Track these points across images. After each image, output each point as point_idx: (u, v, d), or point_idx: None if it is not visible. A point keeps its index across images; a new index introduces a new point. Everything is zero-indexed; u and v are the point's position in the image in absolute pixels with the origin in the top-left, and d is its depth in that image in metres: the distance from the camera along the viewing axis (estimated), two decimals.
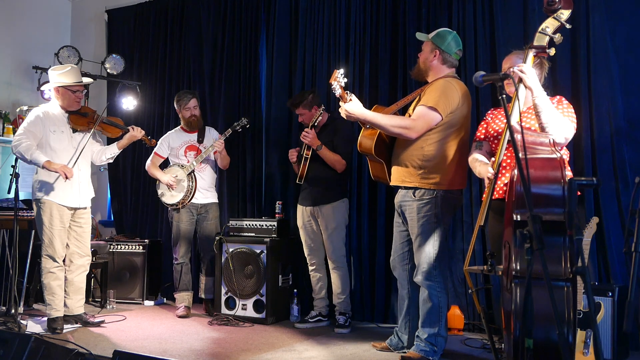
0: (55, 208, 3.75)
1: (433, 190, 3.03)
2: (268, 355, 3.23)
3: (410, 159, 3.06)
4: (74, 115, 3.91)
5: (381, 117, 3.01)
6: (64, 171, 3.66)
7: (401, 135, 3.03)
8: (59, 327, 3.72)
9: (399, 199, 3.20)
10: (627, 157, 3.52)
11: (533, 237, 1.74)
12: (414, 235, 3.12)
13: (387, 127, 3.00)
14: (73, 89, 3.86)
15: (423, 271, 3.08)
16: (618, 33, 3.59)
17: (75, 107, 3.91)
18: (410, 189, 3.09)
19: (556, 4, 2.59)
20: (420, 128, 2.99)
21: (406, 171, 3.08)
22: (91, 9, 6.08)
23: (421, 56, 3.18)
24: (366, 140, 3.16)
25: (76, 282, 3.90)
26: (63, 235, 3.79)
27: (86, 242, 3.94)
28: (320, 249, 4.09)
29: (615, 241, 3.47)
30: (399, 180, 3.14)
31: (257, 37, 4.98)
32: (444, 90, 3.02)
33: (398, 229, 3.29)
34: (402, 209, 3.16)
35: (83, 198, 3.93)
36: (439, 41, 3.11)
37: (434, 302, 3.07)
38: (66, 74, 3.85)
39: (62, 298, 3.81)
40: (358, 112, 3.00)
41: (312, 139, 3.91)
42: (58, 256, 3.76)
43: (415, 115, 3.03)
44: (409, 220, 3.13)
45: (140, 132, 4.05)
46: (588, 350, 2.72)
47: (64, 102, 3.88)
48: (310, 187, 4.03)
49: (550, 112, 2.58)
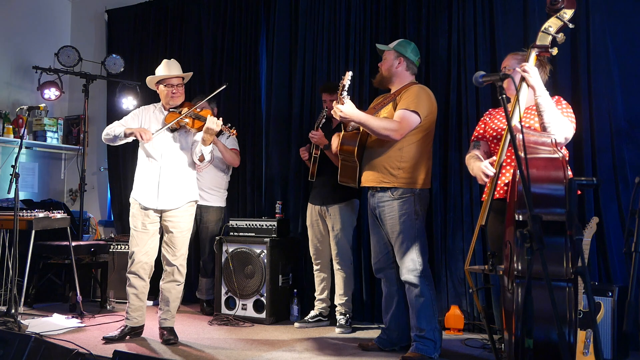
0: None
1: (411, 189, 3.17)
2: (268, 355, 3.23)
3: (388, 161, 3.18)
4: (171, 112, 3.61)
5: (373, 119, 3.13)
6: (140, 132, 3.42)
7: (388, 137, 3.12)
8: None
9: (374, 200, 3.27)
10: (627, 157, 3.53)
11: (533, 237, 1.75)
12: (394, 233, 3.18)
13: (376, 129, 3.11)
14: (164, 83, 3.60)
15: (410, 268, 3.14)
16: (618, 33, 3.59)
17: (172, 102, 3.61)
18: (388, 190, 3.19)
19: (559, 4, 2.59)
20: (404, 130, 3.12)
21: (383, 172, 3.19)
22: (91, 9, 6.08)
23: (384, 65, 3.33)
24: (348, 142, 3.28)
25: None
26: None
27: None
28: (327, 250, 4.08)
29: (615, 241, 3.48)
30: (374, 182, 3.23)
31: (257, 37, 4.98)
32: (421, 95, 3.19)
33: (376, 231, 3.35)
34: (379, 209, 3.24)
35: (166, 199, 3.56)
36: (402, 49, 3.28)
37: (426, 296, 3.14)
38: (159, 68, 3.64)
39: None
40: (354, 114, 3.09)
41: (319, 138, 3.92)
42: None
43: (399, 118, 3.13)
44: (389, 220, 3.20)
45: (215, 123, 3.44)
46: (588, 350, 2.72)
47: (161, 98, 3.67)
48: (320, 187, 4.04)
49: (553, 112, 2.58)
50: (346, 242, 3.98)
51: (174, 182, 3.55)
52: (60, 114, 6.08)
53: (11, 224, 3.79)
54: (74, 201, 5.98)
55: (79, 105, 5.81)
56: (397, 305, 3.35)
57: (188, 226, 3.62)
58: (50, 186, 5.99)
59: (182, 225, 3.56)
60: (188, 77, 3.73)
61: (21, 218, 3.93)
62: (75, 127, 5.97)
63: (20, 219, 3.84)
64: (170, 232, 3.54)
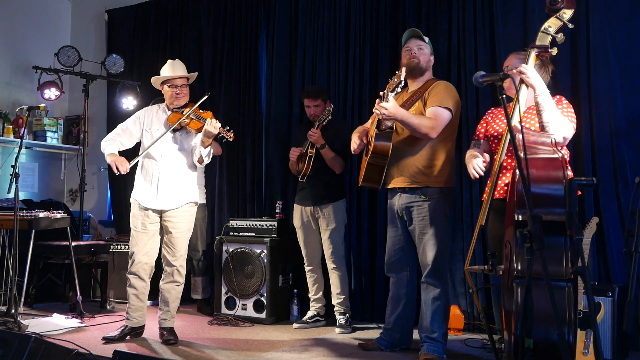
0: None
1: (440, 189, 3.13)
2: (268, 355, 3.23)
3: (420, 160, 3.13)
4: (174, 112, 3.60)
5: (414, 117, 3.05)
6: (116, 163, 3.42)
7: (426, 135, 3.06)
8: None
9: (403, 201, 3.21)
10: (627, 157, 3.52)
11: (533, 237, 1.75)
12: (424, 235, 3.14)
13: (417, 127, 3.03)
14: (168, 84, 3.61)
15: (433, 270, 3.12)
16: (618, 33, 3.59)
17: (176, 103, 3.60)
18: (419, 189, 3.14)
19: (559, 4, 2.59)
20: (440, 128, 3.07)
21: (415, 172, 3.14)
22: (91, 9, 6.08)
23: (423, 56, 3.23)
24: (383, 140, 3.16)
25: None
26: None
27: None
28: (318, 250, 4.09)
29: (615, 241, 3.47)
30: (404, 182, 3.17)
31: (257, 37, 4.98)
32: (451, 92, 3.16)
33: (396, 232, 3.31)
34: (409, 210, 3.18)
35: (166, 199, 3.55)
36: (432, 48, 3.31)
37: (443, 300, 3.14)
38: (163, 68, 3.64)
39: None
40: (397, 113, 2.98)
41: (318, 137, 3.92)
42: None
43: (433, 115, 3.07)
44: (419, 221, 3.15)
45: (213, 127, 3.41)
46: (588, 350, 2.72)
47: (165, 98, 3.66)
48: (311, 187, 4.03)
49: (552, 111, 2.58)
50: (340, 241, 4.00)
51: (174, 183, 3.55)
52: (60, 114, 6.08)
53: (11, 224, 3.79)
54: (74, 201, 5.98)
55: (79, 105, 5.81)
56: (404, 308, 3.33)
57: (188, 227, 3.61)
58: (50, 186, 5.99)
59: (181, 226, 3.56)
60: (193, 78, 3.73)
61: (21, 218, 3.93)
62: (75, 127, 5.97)
63: (20, 219, 3.84)
64: (170, 233, 3.54)
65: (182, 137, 3.61)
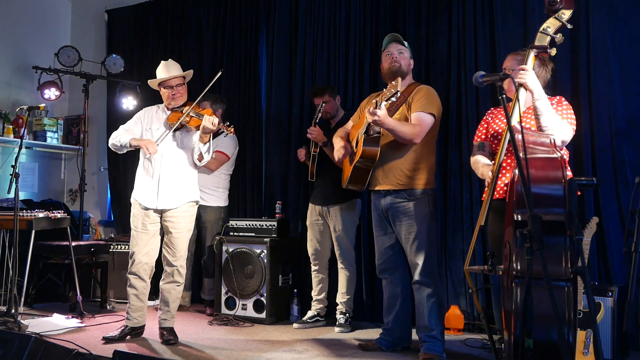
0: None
1: (424, 190, 3.21)
2: (268, 355, 3.23)
3: (405, 163, 3.20)
4: (173, 112, 3.60)
5: (400, 124, 3.10)
6: (147, 145, 3.46)
7: (411, 141, 3.13)
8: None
9: (387, 202, 3.26)
10: (627, 157, 3.53)
11: (533, 237, 1.75)
12: (410, 234, 3.18)
13: (403, 134, 3.08)
14: (164, 85, 3.60)
15: (425, 268, 3.15)
16: (618, 33, 3.59)
17: (174, 103, 3.60)
18: (403, 191, 3.20)
19: (557, 4, 2.59)
20: (424, 133, 3.14)
21: (400, 175, 3.20)
22: (91, 9, 6.08)
23: (404, 60, 3.30)
24: (372, 145, 3.20)
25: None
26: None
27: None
28: (326, 251, 4.08)
29: (615, 241, 3.48)
30: (390, 185, 3.23)
31: (257, 37, 4.98)
32: (434, 97, 3.24)
33: (383, 233, 3.35)
34: (392, 211, 3.24)
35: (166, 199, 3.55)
36: (411, 52, 3.36)
37: (437, 297, 3.18)
38: (158, 70, 3.63)
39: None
40: (386, 121, 3.01)
41: (317, 135, 3.89)
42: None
43: (417, 121, 3.13)
44: (405, 221, 3.20)
45: (211, 122, 3.41)
46: (588, 350, 2.72)
47: (163, 99, 3.66)
48: (321, 187, 4.03)
49: (550, 115, 2.58)
50: (348, 242, 3.97)
51: (174, 182, 3.55)
52: (60, 114, 6.08)
53: (11, 224, 3.79)
54: (74, 201, 5.98)
55: (79, 105, 5.81)
56: (401, 306, 3.36)
57: (188, 227, 3.61)
58: (50, 186, 5.99)
59: (181, 226, 3.56)
60: (189, 76, 3.71)
61: (21, 218, 3.93)
62: (75, 127, 5.97)
63: (20, 219, 3.84)
64: (170, 233, 3.54)
65: (182, 135, 3.61)
